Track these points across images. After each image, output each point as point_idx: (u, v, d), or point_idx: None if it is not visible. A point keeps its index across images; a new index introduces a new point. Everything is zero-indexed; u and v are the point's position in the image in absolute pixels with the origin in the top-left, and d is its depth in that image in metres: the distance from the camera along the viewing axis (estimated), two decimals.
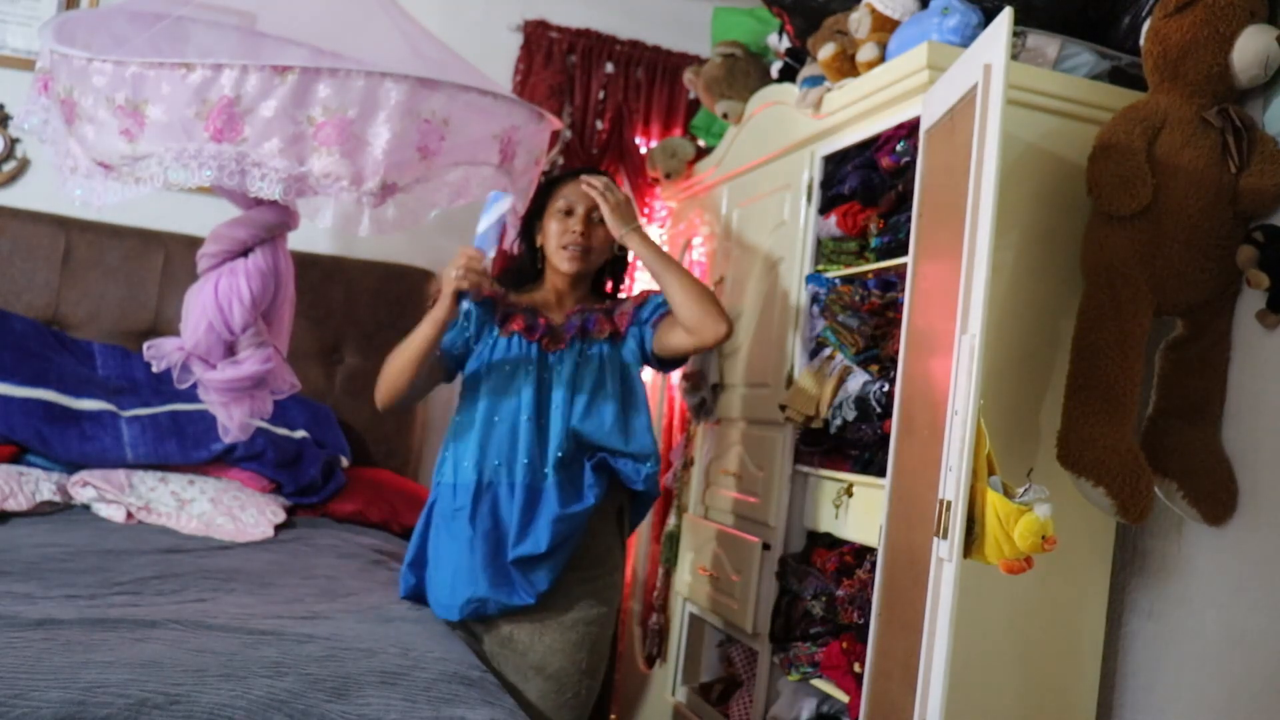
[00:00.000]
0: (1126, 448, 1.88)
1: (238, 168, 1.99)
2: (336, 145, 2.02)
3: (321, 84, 1.99)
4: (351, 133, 2.02)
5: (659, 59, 3.49)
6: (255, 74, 1.95)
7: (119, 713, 1.31)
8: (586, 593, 2.14)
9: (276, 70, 1.96)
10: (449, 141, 2.15)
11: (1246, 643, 1.90)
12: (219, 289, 2.30)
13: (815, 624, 2.25)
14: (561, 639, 2.11)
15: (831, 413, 2.18)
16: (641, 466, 2.12)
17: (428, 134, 2.11)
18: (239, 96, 1.96)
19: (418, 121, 2.09)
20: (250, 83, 1.95)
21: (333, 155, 2.02)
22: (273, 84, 1.96)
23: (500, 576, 2.05)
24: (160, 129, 1.99)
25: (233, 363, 2.34)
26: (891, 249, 2.17)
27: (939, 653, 1.53)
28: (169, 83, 1.95)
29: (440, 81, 2.12)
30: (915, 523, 1.72)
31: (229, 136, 1.97)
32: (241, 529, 2.53)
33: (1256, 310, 1.94)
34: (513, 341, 2.12)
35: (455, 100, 2.15)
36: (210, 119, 1.96)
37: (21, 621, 1.63)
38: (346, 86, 2.00)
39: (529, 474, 2.07)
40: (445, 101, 2.13)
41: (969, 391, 1.54)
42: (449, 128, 2.14)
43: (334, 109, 2.00)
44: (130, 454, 2.64)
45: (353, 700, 1.46)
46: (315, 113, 2.00)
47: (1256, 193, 1.91)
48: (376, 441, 3.20)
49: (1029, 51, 2.08)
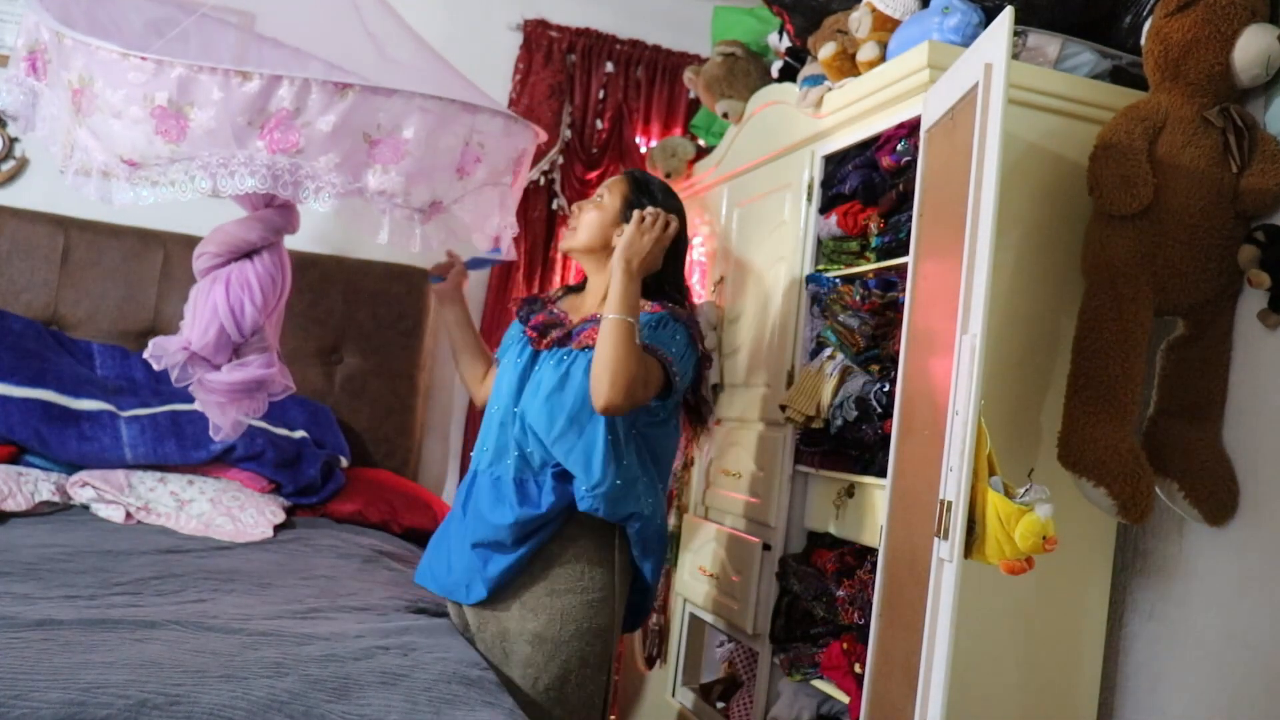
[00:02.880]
0: (1127, 448, 1.87)
1: (291, 179, 2.01)
2: (393, 163, 2.07)
3: (380, 103, 2.03)
4: (406, 151, 2.07)
5: (659, 58, 3.49)
6: (316, 88, 1.98)
7: (119, 713, 1.31)
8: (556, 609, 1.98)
9: (337, 87, 1.99)
10: (483, 164, 2.23)
11: (1247, 643, 1.90)
12: (230, 291, 2.30)
13: (816, 624, 2.25)
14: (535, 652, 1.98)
15: (832, 413, 2.18)
16: (579, 486, 1.95)
17: (466, 155, 2.18)
18: (298, 109, 1.98)
19: (460, 143, 2.15)
20: (312, 97, 1.98)
21: (388, 173, 2.07)
22: (332, 100, 1.99)
23: (466, 564, 2.04)
24: (206, 134, 1.98)
25: (239, 365, 2.34)
26: (892, 249, 2.17)
27: (940, 653, 1.53)
28: (221, 89, 1.95)
29: (480, 106, 2.19)
30: (916, 523, 1.72)
31: (284, 147, 1.99)
32: (241, 529, 2.52)
33: (1258, 310, 1.94)
34: (523, 338, 2.12)
35: (491, 123, 2.22)
36: (267, 129, 1.98)
37: (21, 622, 1.63)
38: (403, 108, 2.04)
39: (495, 467, 2.04)
40: (484, 124, 2.20)
41: (970, 391, 1.54)
42: (484, 150, 2.22)
43: (388, 128, 2.05)
44: (129, 454, 2.63)
45: (353, 701, 1.46)
46: (372, 130, 2.04)
47: (1258, 192, 1.91)
48: (376, 441, 3.20)
49: (1030, 51, 2.08)
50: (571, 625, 1.98)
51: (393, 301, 3.24)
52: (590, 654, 2.00)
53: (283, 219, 2.37)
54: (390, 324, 3.23)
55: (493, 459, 2.05)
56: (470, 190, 2.25)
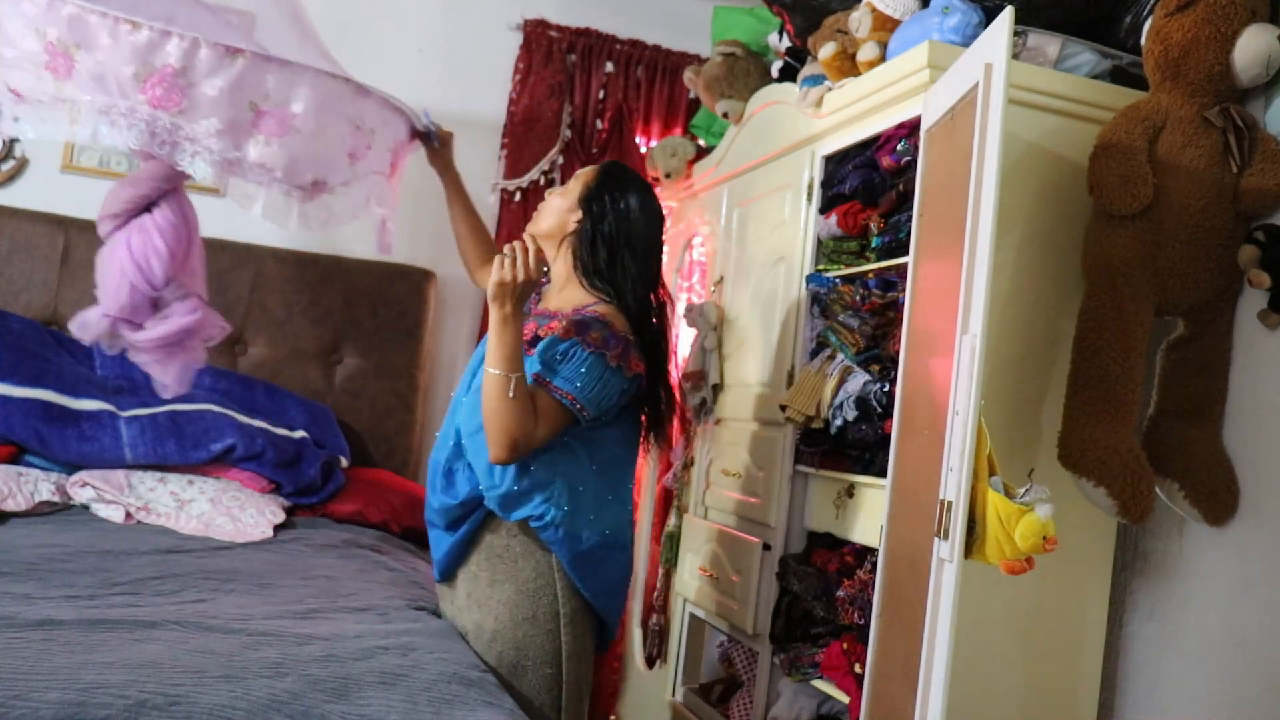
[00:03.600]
0: (1128, 448, 1.87)
1: (169, 138, 1.95)
2: (276, 136, 1.99)
3: (271, 73, 1.96)
4: (293, 126, 2.00)
5: (659, 58, 3.48)
6: (206, 49, 1.91)
7: (118, 713, 1.30)
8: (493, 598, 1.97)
9: (228, 50, 1.92)
10: (373, 151, 2.19)
11: (1248, 643, 1.90)
12: (133, 248, 2.27)
13: (816, 625, 2.25)
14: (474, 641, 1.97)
15: (832, 413, 2.18)
16: (481, 479, 1.93)
17: (358, 140, 2.13)
18: (184, 68, 1.90)
19: (351, 127, 2.11)
20: (200, 57, 1.91)
21: (270, 146, 2.00)
22: (221, 63, 1.92)
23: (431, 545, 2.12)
24: (91, 79, 1.92)
25: (162, 319, 2.31)
26: (892, 249, 2.17)
27: (940, 653, 1.53)
28: (110, 35, 1.89)
29: (372, 92, 2.15)
30: (916, 523, 1.72)
31: (167, 105, 1.92)
32: (241, 529, 2.52)
33: (1258, 310, 1.94)
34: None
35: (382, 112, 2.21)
36: (149, 83, 1.90)
37: (21, 622, 1.62)
38: (294, 80, 1.97)
39: (436, 448, 2.08)
40: (373, 111, 2.18)
41: (970, 391, 1.54)
42: (374, 137, 2.19)
43: (278, 100, 1.97)
44: (129, 454, 2.63)
45: (353, 701, 1.46)
46: (259, 100, 1.97)
47: (1258, 192, 1.90)
48: (376, 441, 3.20)
49: (1030, 51, 2.08)
50: (506, 615, 1.97)
51: (393, 301, 3.23)
52: (529, 645, 1.96)
53: (170, 167, 2.27)
54: (390, 324, 3.23)
55: (438, 443, 2.07)
56: (359, 176, 2.22)
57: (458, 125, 3.40)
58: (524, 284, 1.81)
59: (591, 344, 1.90)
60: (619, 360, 1.93)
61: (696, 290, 3.14)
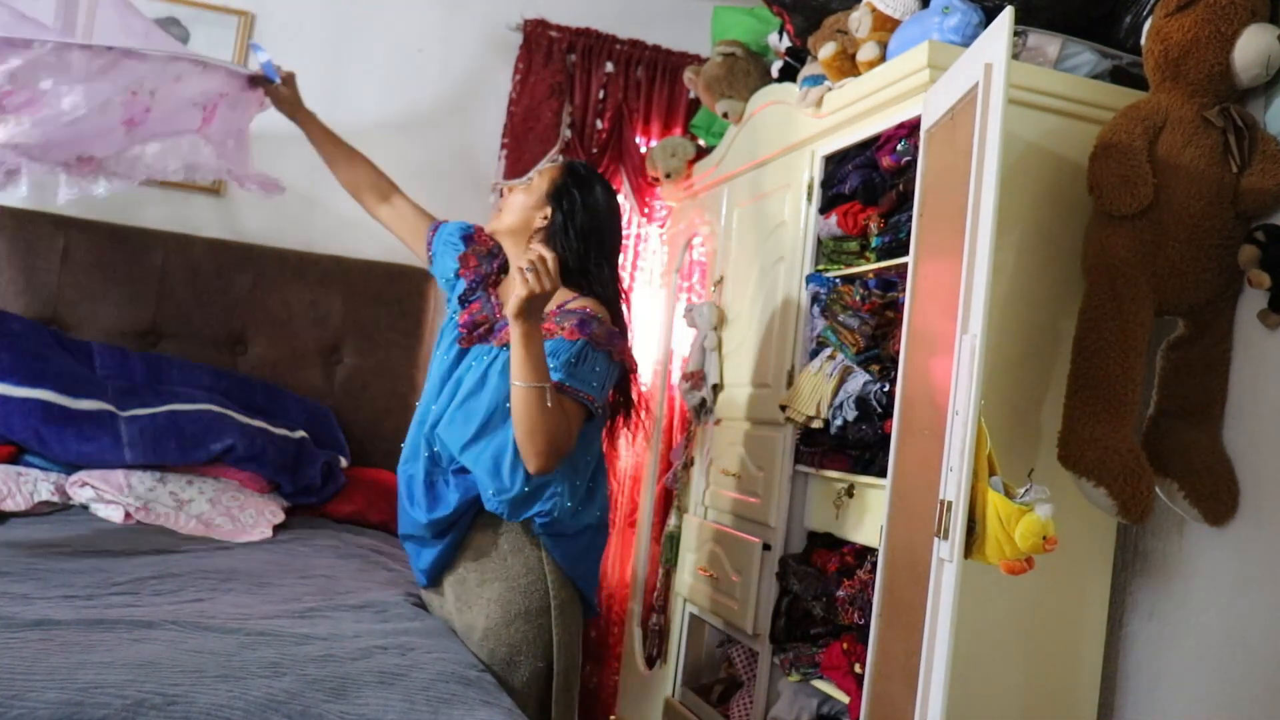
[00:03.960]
0: (1128, 448, 1.87)
1: None
2: (27, 114, 1.91)
3: (14, 54, 1.86)
4: (45, 103, 1.90)
5: (659, 58, 3.48)
6: None
7: (116, 713, 1.30)
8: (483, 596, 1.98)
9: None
10: (155, 112, 2.08)
11: (1248, 643, 1.89)
12: None
13: (816, 625, 2.24)
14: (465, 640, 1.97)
15: (832, 413, 2.18)
16: (485, 489, 1.93)
17: (132, 105, 2.02)
18: None
19: (123, 93, 1.99)
20: None
21: (22, 124, 1.92)
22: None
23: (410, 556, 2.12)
24: None
25: None
26: (892, 249, 2.17)
27: (940, 653, 1.53)
28: None
29: (147, 52, 2.01)
30: (916, 523, 1.71)
31: None
32: (240, 529, 2.52)
33: (1258, 310, 1.94)
34: (453, 332, 2.06)
35: (162, 71, 2.06)
36: None
37: (19, 622, 1.62)
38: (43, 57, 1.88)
39: (410, 465, 2.08)
40: (151, 72, 2.03)
41: (970, 391, 1.54)
42: (154, 99, 2.06)
43: (24, 78, 1.89)
44: (129, 454, 2.63)
45: (351, 700, 1.45)
46: (2, 81, 1.88)
47: (1258, 192, 1.90)
48: (376, 441, 3.19)
49: (1030, 51, 2.08)
50: (498, 612, 1.97)
51: (393, 301, 3.23)
52: (521, 640, 1.96)
53: None
54: (390, 324, 3.23)
55: (408, 456, 2.07)
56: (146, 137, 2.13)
57: (458, 125, 3.42)
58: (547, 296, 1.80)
59: (599, 342, 1.93)
60: (620, 355, 1.98)
61: (696, 290, 3.14)
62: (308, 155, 2.44)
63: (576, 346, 1.90)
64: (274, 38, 3.23)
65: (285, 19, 3.26)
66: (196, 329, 3.07)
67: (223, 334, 3.10)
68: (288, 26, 3.26)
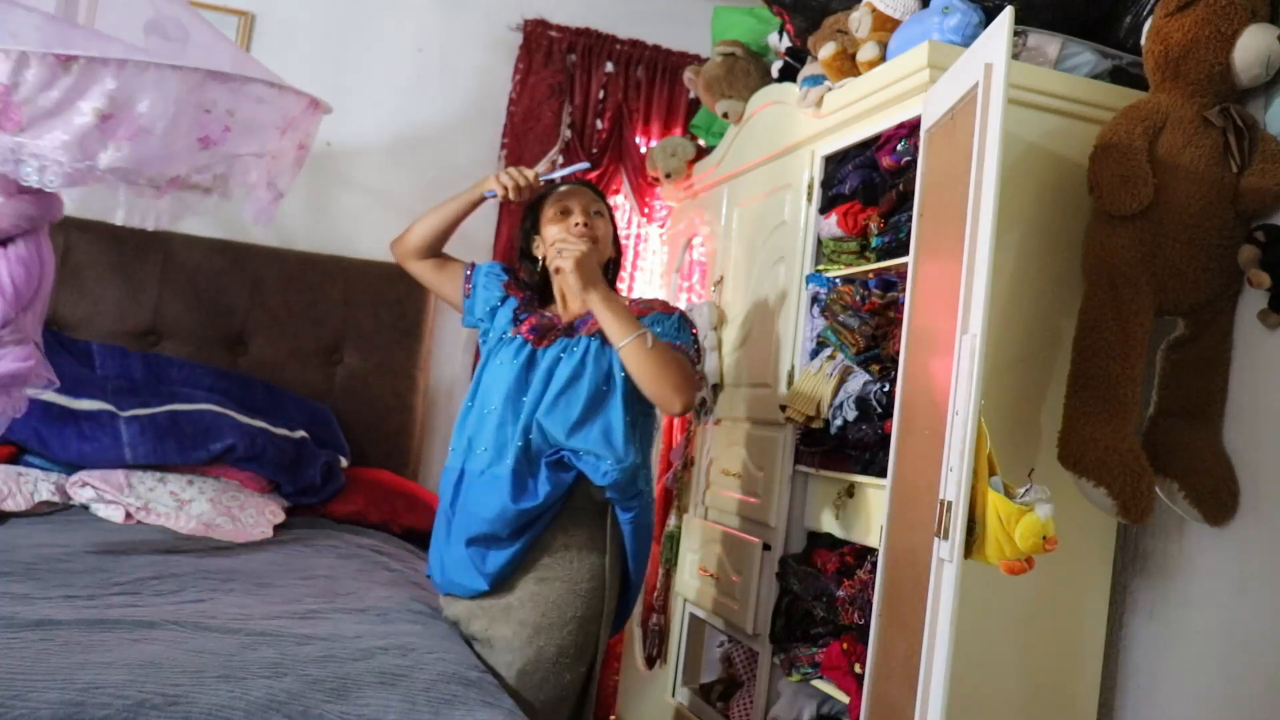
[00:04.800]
0: (1128, 448, 1.87)
1: (13, 158, 1.89)
2: (126, 140, 1.94)
3: (111, 76, 1.90)
4: (140, 126, 1.94)
5: (659, 58, 3.48)
6: (36, 62, 1.85)
7: (117, 714, 1.30)
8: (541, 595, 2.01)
9: (60, 60, 1.86)
10: (234, 133, 2.12)
11: (1248, 643, 1.90)
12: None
13: (816, 625, 2.24)
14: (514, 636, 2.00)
15: (832, 413, 2.18)
16: (600, 463, 1.98)
17: (210, 124, 2.07)
18: (16, 84, 1.84)
19: (200, 112, 2.03)
20: (30, 71, 1.84)
21: (121, 150, 1.95)
22: (55, 74, 1.86)
23: (460, 560, 2.06)
24: None
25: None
26: (892, 249, 2.17)
27: (940, 653, 1.53)
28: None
29: (230, 75, 2.07)
30: (916, 523, 1.71)
31: (4, 126, 1.86)
32: (240, 529, 2.52)
33: (1258, 310, 1.94)
34: (515, 340, 2.11)
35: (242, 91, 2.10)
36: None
37: (19, 622, 1.62)
38: (135, 79, 1.91)
39: (490, 463, 2.04)
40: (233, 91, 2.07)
41: (970, 391, 1.54)
42: (234, 119, 2.10)
43: (121, 101, 1.92)
44: (129, 454, 2.63)
45: (351, 701, 1.45)
46: (102, 104, 1.90)
47: (1258, 192, 1.90)
48: (376, 442, 3.19)
49: (1030, 51, 2.08)
50: (554, 613, 2.00)
51: (393, 301, 3.23)
52: (570, 644, 2.01)
53: (38, 207, 2.22)
54: (390, 324, 3.23)
55: (492, 459, 2.05)
56: (221, 160, 2.16)
57: (458, 125, 3.42)
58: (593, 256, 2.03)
59: (687, 319, 2.14)
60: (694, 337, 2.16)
61: (696, 290, 3.14)
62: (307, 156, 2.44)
63: (675, 317, 2.10)
64: (274, 38, 3.23)
65: (285, 19, 3.26)
66: (196, 329, 3.07)
67: (223, 334, 3.10)
68: (287, 26, 3.26)
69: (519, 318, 2.14)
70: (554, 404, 2.01)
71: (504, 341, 2.13)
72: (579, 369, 2.03)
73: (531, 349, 2.08)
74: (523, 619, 2.01)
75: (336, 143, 3.29)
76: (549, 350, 2.07)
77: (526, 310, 2.16)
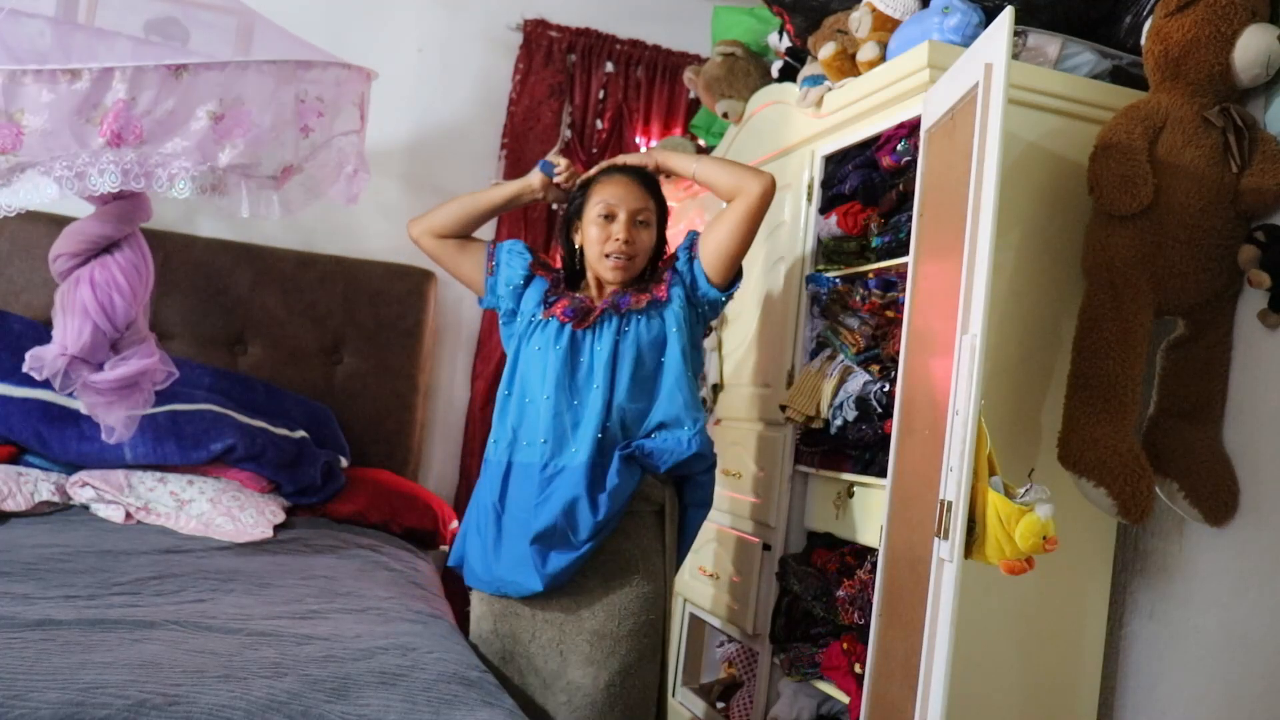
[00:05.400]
0: (1128, 448, 1.87)
1: (141, 170, 1.96)
2: (241, 136, 2.02)
3: (216, 77, 1.98)
4: (251, 122, 2.03)
5: (659, 58, 3.48)
6: (150, 75, 1.92)
7: (117, 713, 1.30)
8: (609, 602, 2.01)
9: (171, 69, 1.93)
10: (325, 118, 2.21)
11: (1248, 643, 1.90)
12: (96, 288, 2.26)
13: (816, 624, 2.24)
14: (571, 646, 2.01)
15: (832, 413, 2.18)
16: (680, 432, 2.02)
17: (305, 112, 2.16)
18: (134, 98, 1.92)
19: (296, 102, 2.13)
20: (146, 83, 1.92)
21: (236, 147, 2.02)
22: (168, 83, 1.93)
23: (517, 559, 2.01)
24: (43, 137, 1.93)
25: (120, 360, 2.30)
26: (892, 249, 2.17)
27: (940, 653, 1.53)
28: (50, 90, 1.90)
29: (311, 61, 2.17)
30: (916, 523, 1.72)
31: (128, 140, 1.94)
32: (241, 529, 2.52)
33: (1258, 310, 1.94)
34: (550, 324, 2.07)
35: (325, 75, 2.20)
36: (105, 124, 1.92)
37: (20, 622, 1.62)
38: (239, 77, 2.00)
39: (550, 455, 2.01)
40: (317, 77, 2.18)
41: (970, 392, 1.54)
42: (324, 104, 2.20)
43: (230, 101, 2.00)
44: (129, 454, 2.63)
45: (352, 701, 1.46)
46: (214, 106, 1.99)
47: (1258, 192, 1.90)
48: (376, 442, 3.19)
49: (1030, 51, 2.08)
50: (630, 620, 2.01)
51: (393, 301, 3.23)
52: (646, 647, 2.03)
53: (134, 208, 2.32)
54: (390, 324, 3.23)
55: (553, 451, 2.01)
56: (319, 146, 2.24)
57: (457, 125, 3.42)
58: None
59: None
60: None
61: None
62: None
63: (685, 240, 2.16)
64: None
65: (285, 19, 3.25)
66: (196, 329, 3.07)
67: (223, 334, 3.10)
68: (287, 26, 3.25)
69: (549, 300, 2.11)
70: (631, 386, 2.02)
71: (536, 324, 2.09)
72: (639, 354, 2.04)
73: (571, 331, 2.05)
74: (598, 630, 2.00)
75: None
76: (600, 333, 2.05)
77: (556, 293, 2.12)
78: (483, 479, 2.13)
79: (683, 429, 2.03)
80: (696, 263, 2.11)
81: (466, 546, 2.13)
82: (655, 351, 2.06)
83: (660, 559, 2.07)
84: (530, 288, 2.15)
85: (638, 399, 2.03)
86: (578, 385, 2.03)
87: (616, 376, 2.02)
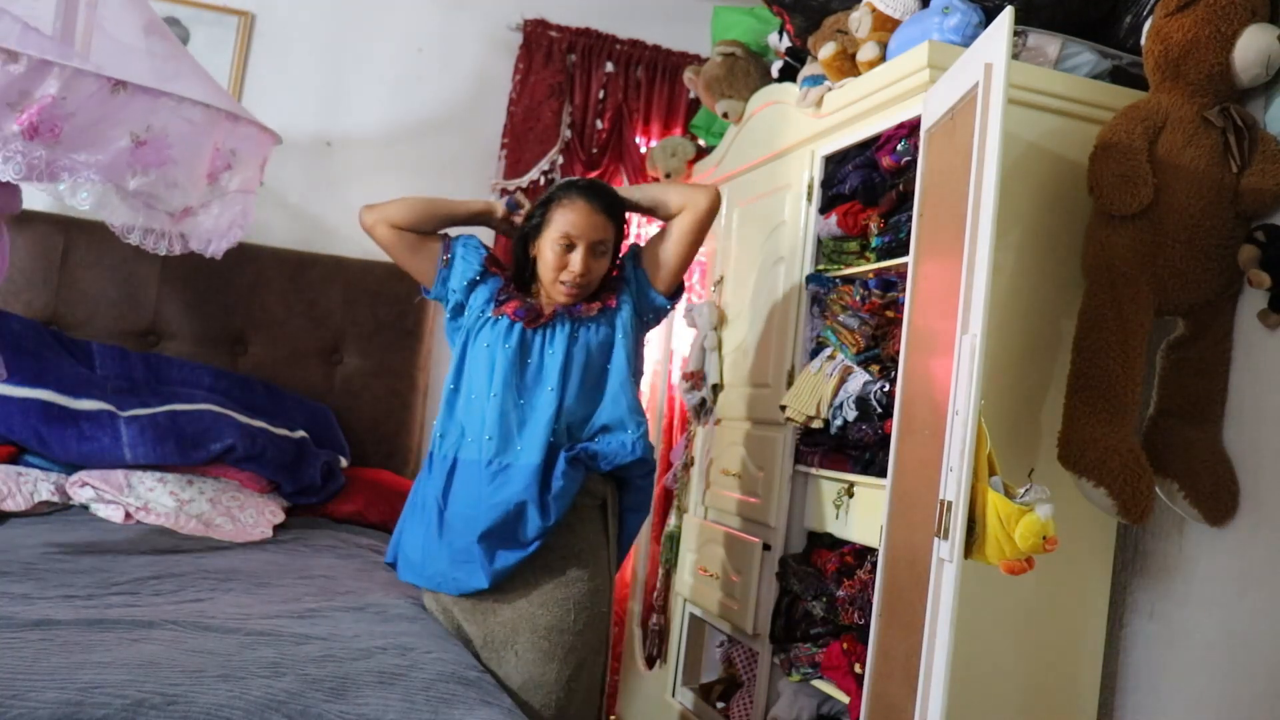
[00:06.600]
0: (1128, 448, 1.87)
1: (47, 169, 1.91)
2: (155, 167, 2.01)
3: (153, 105, 1.97)
4: (169, 157, 2.02)
5: (659, 58, 3.48)
6: (88, 81, 1.89)
7: (116, 713, 1.30)
8: (562, 598, 2.03)
9: (110, 82, 1.91)
10: (234, 171, 2.24)
11: (1248, 643, 1.89)
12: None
13: (816, 625, 2.24)
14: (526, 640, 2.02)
15: (832, 413, 2.17)
16: (624, 435, 2.07)
17: (216, 161, 2.18)
18: (65, 99, 1.87)
19: (211, 149, 2.14)
20: (81, 88, 1.88)
21: (149, 176, 2.01)
22: (103, 95, 1.91)
23: (459, 555, 2.03)
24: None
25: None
26: (892, 249, 2.17)
27: (940, 653, 1.53)
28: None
29: (240, 116, 2.19)
30: (916, 523, 1.71)
31: (45, 136, 1.89)
32: (240, 529, 2.52)
33: (1258, 310, 1.94)
34: (500, 321, 2.08)
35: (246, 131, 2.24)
36: (27, 113, 1.86)
37: (19, 622, 1.62)
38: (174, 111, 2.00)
39: (495, 452, 2.02)
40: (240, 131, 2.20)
41: (970, 392, 1.54)
42: (235, 157, 2.23)
43: (158, 131, 1.99)
44: (129, 454, 2.63)
45: (351, 700, 1.45)
46: (140, 131, 1.97)
47: (1258, 192, 1.90)
48: (376, 441, 3.19)
49: (1030, 51, 2.08)
50: (584, 615, 2.04)
51: (393, 301, 3.23)
52: (597, 640, 2.08)
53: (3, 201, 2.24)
54: (390, 324, 3.23)
55: (498, 448, 2.02)
56: (217, 196, 2.25)
57: (458, 125, 3.42)
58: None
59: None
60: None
61: (696, 290, 3.14)
62: (306, 156, 2.46)
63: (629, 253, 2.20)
64: (274, 38, 3.23)
65: (285, 19, 3.26)
66: (196, 329, 3.07)
67: (223, 334, 3.10)
68: (288, 26, 3.26)
69: (500, 299, 2.11)
70: (580, 390, 2.06)
71: (485, 321, 2.10)
72: (593, 351, 2.08)
73: (522, 330, 2.06)
74: (553, 625, 2.02)
75: (336, 143, 3.29)
76: (553, 336, 2.07)
77: (508, 293, 2.13)
78: (425, 474, 2.14)
79: (626, 432, 2.08)
80: (641, 272, 2.15)
81: (403, 541, 2.15)
82: (603, 356, 2.10)
83: (605, 552, 2.12)
84: (482, 284, 2.15)
85: (585, 403, 2.07)
86: (526, 384, 2.06)
87: (568, 381, 2.06)
